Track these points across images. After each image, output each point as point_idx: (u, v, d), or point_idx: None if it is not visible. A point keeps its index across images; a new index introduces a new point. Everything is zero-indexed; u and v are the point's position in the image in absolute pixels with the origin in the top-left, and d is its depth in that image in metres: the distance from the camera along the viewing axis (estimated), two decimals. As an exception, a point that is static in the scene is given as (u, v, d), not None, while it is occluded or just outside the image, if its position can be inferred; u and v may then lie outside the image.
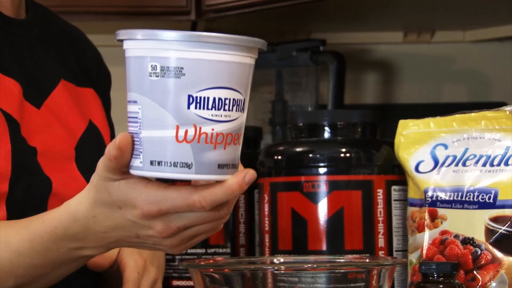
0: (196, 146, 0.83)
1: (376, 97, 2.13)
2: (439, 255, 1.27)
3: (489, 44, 2.12)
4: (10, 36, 1.15)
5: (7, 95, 1.09)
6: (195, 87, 0.83)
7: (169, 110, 0.83)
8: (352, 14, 1.93)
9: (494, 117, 1.30)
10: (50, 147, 1.12)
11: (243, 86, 0.85)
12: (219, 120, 0.84)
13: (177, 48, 0.82)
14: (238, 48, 0.84)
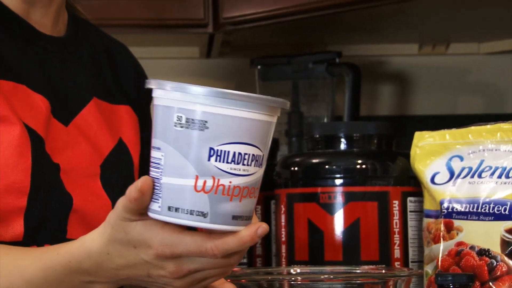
0: (213, 196, 0.85)
1: (391, 108, 2.14)
2: (455, 266, 1.26)
3: (504, 56, 2.12)
4: (43, 53, 1.15)
5: (34, 111, 1.09)
6: (217, 140, 0.84)
7: (190, 160, 0.85)
8: (367, 27, 1.93)
9: (509, 129, 1.30)
10: (74, 164, 1.11)
11: (263, 143, 0.87)
12: (237, 174, 0.85)
13: (203, 102, 0.84)
14: (261, 107, 0.86)
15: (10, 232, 1.04)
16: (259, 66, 1.96)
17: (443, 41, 2.08)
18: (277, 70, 1.94)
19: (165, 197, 0.86)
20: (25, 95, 1.09)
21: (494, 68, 2.13)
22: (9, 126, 1.04)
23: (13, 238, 1.04)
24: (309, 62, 1.91)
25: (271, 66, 1.95)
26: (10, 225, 1.04)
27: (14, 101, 1.07)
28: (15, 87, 1.08)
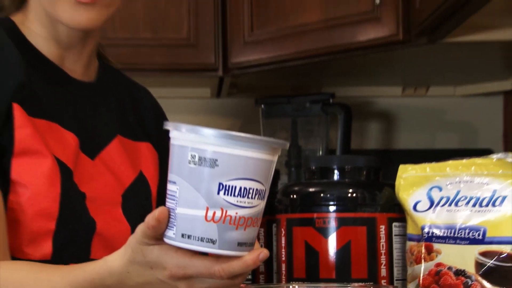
0: (221, 226, 0.85)
1: (378, 143, 2.13)
2: (435, 284, 1.25)
3: (477, 98, 2.12)
4: (74, 96, 1.15)
5: (64, 146, 1.09)
6: (226, 176, 0.85)
7: (202, 193, 0.85)
8: (357, 71, 1.93)
9: (482, 164, 1.29)
10: (98, 193, 1.11)
11: (265, 178, 0.87)
12: (242, 206, 0.86)
13: (214, 143, 0.84)
14: (264, 147, 0.86)
15: (39, 252, 1.04)
16: (262, 105, 1.97)
17: (423, 85, 2.09)
18: (279, 108, 1.94)
19: (179, 226, 0.86)
20: (57, 132, 1.09)
21: (468, 108, 2.13)
22: (42, 158, 1.04)
23: (42, 257, 1.04)
24: (306, 102, 1.91)
25: (273, 105, 1.95)
26: (40, 245, 1.04)
27: (48, 137, 1.07)
28: (49, 125, 1.08)
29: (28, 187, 1.03)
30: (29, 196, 1.03)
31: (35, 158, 1.04)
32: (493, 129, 2.11)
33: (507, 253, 1.21)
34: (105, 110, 1.20)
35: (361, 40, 1.60)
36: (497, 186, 1.25)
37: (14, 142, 1.03)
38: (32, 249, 1.03)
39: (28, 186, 1.03)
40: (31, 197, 1.03)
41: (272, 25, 1.73)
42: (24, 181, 1.03)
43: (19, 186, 1.03)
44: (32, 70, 1.09)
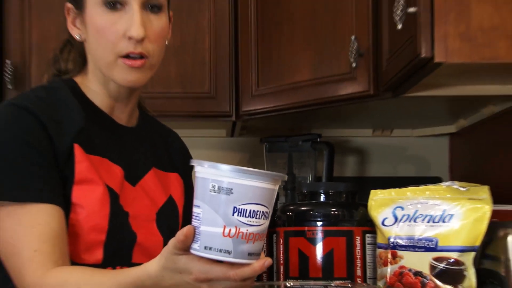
0: (235, 240, 0.86)
1: (354, 172, 2.12)
2: (398, 282, 1.26)
3: (429, 138, 2.12)
4: (120, 138, 1.15)
5: (113, 176, 1.09)
6: (239, 202, 0.86)
7: (220, 215, 0.86)
8: (339, 117, 1.93)
9: (435, 189, 1.30)
10: (138, 212, 1.11)
11: (269, 203, 0.88)
12: (252, 225, 0.86)
13: (230, 176, 0.86)
14: (269, 179, 0.87)
15: (93, 258, 1.04)
16: (266, 143, 1.96)
17: (389, 128, 2.09)
18: (278, 145, 1.94)
19: (203, 240, 0.86)
20: (107, 166, 1.09)
21: (422, 146, 2.13)
22: (95, 186, 1.04)
23: (95, 262, 1.03)
24: (299, 141, 1.91)
25: (274, 143, 1.95)
26: (93, 253, 1.04)
27: (100, 169, 1.07)
28: (101, 160, 1.08)
29: (84, 208, 1.03)
30: (86, 215, 1.03)
31: (90, 185, 1.04)
32: (441, 162, 2.11)
33: (454, 259, 1.22)
34: (143, 148, 1.19)
35: (341, 94, 1.61)
36: (446, 207, 1.26)
37: (74, 173, 1.03)
38: (88, 255, 1.03)
39: (85, 207, 1.03)
40: (87, 215, 1.03)
41: (273, 82, 1.74)
42: (82, 203, 1.03)
43: (78, 207, 1.02)
44: (89, 118, 1.09)
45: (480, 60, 1.23)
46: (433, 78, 1.37)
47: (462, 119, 1.94)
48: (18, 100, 1.05)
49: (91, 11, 1.07)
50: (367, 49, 1.55)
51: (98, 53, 1.09)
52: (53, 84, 1.11)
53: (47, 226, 0.98)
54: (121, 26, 1.05)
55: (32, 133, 1.01)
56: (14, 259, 0.97)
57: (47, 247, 0.97)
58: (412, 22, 1.27)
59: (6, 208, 0.98)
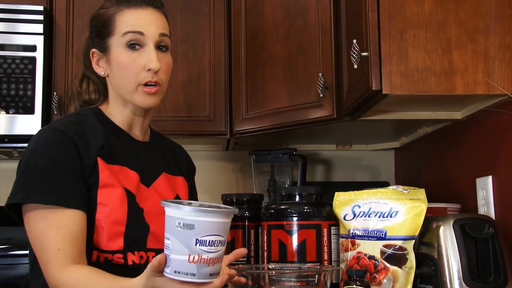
0: (199, 265, 0.84)
1: (322, 178, 2.11)
2: (356, 264, 1.26)
3: (379, 151, 2.11)
4: (137, 150, 1.15)
5: (130, 181, 1.08)
6: (200, 234, 0.84)
7: (185, 245, 0.84)
8: (310, 135, 1.93)
9: (384, 192, 1.31)
10: (151, 208, 1.10)
11: (225, 233, 0.86)
12: (211, 251, 0.85)
13: (191, 215, 0.84)
14: (223, 215, 0.86)
15: (115, 245, 1.02)
16: (253, 155, 1.95)
17: (348, 143, 2.09)
18: (263, 157, 1.93)
19: (172, 265, 0.85)
20: (125, 172, 1.08)
21: (374, 157, 2.12)
22: (115, 189, 1.04)
23: (117, 248, 1.02)
24: (279, 154, 1.90)
25: (259, 156, 1.93)
26: (115, 241, 1.03)
27: (119, 175, 1.06)
28: (120, 168, 1.08)
29: (107, 206, 1.02)
30: (108, 212, 1.02)
31: (111, 189, 1.03)
32: (389, 170, 2.11)
33: (399, 246, 1.23)
34: (155, 157, 1.18)
35: (311, 118, 1.61)
36: (393, 205, 1.27)
37: (99, 180, 1.02)
38: (111, 244, 1.02)
39: (108, 205, 1.02)
40: (110, 212, 1.02)
41: (259, 108, 1.73)
42: (105, 203, 1.02)
43: (102, 206, 1.02)
44: (112, 135, 1.09)
45: (416, 92, 1.25)
46: (381, 105, 1.38)
47: (404, 137, 1.95)
48: (56, 125, 1.05)
49: (115, 52, 1.08)
50: (331, 83, 1.55)
51: (121, 84, 1.09)
52: (82, 112, 1.12)
53: (69, 229, 0.97)
54: (141, 62, 1.07)
55: (66, 152, 1.01)
56: (42, 254, 0.97)
57: (68, 247, 0.96)
58: (365, 63, 1.29)
59: (40, 210, 0.97)
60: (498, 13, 1.26)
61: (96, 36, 1.11)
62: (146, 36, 1.07)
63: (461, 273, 1.17)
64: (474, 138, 1.49)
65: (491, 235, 1.20)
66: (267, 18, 1.73)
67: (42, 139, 1.03)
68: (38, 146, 1.01)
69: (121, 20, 1.08)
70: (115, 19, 1.08)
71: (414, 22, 1.25)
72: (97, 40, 1.11)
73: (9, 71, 1.68)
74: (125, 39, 1.07)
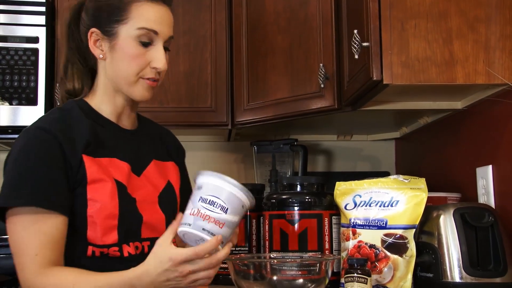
0: (196, 217, 0.93)
1: (324, 168, 2.11)
2: (357, 253, 1.26)
3: (380, 141, 2.11)
4: (126, 139, 1.12)
5: (121, 171, 1.06)
6: (204, 193, 0.94)
7: (192, 201, 0.95)
8: (311, 126, 1.93)
9: (385, 181, 1.30)
10: (143, 197, 1.08)
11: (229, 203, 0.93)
12: (208, 209, 0.92)
13: (202, 176, 0.95)
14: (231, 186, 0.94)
15: (110, 239, 1.01)
16: (255, 146, 1.95)
17: (349, 134, 2.08)
18: (264, 148, 1.93)
19: (183, 219, 0.95)
20: (115, 163, 1.06)
21: (374, 148, 2.12)
22: (104, 183, 1.02)
23: (112, 242, 1.01)
24: (280, 144, 1.90)
25: (261, 146, 1.93)
26: (110, 235, 1.01)
27: (109, 168, 1.04)
28: (110, 160, 1.05)
29: (98, 201, 1.00)
30: (100, 207, 1.00)
31: (101, 183, 1.01)
32: (389, 159, 2.11)
33: (399, 235, 1.24)
34: (144, 145, 1.15)
35: (312, 108, 1.60)
36: (393, 194, 1.28)
37: (87, 176, 1.00)
38: (106, 238, 1.00)
39: (98, 201, 1.00)
40: (101, 207, 1.00)
41: (260, 99, 1.73)
42: (95, 198, 1.00)
43: (93, 201, 1.00)
44: (100, 127, 1.07)
45: (417, 82, 1.24)
46: (382, 96, 1.38)
47: (404, 127, 1.95)
48: (40, 123, 1.02)
49: (124, 42, 1.04)
50: (332, 74, 1.55)
51: (121, 73, 1.05)
52: (66, 106, 1.08)
53: (49, 234, 0.95)
54: (148, 58, 1.05)
55: (49, 152, 0.98)
56: (19, 257, 0.94)
57: (46, 251, 0.94)
58: (366, 53, 1.28)
59: (20, 214, 0.95)
60: (499, 3, 1.26)
61: (102, 17, 1.05)
62: (159, 36, 1.05)
63: (461, 261, 1.17)
64: (475, 128, 1.49)
65: (491, 224, 1.20)
66: (268, 9, 1.72)
67: (25, 140, 0.99)
68: (21, 147, 0.98)
69: (138, 12, 1.04)
70: (131, 8, 1.04)
71: (415, 12, 1.25)
72: (103, 21, 1.05)
73: (12, 63, 1.68)
74: (138, 33, 1.04)
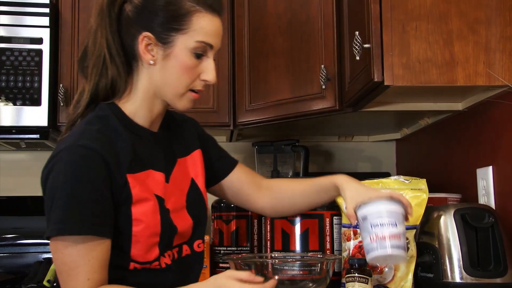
0: (378, 241, 0.98)
1: (324, 169, 2.11)
2: (358, 254, 1.26)
3: (380, 142, 2.11)
4: (156, 145, 1.05)
5: (158, 183, 1.01)
6: (371, 220, 0.99)
7: (367, 231, 1.00)
8: (312, 127, 1.93)
9: (386, 182, 1.30)
10: (174, 206, 1.04)
11: (391, 216, 0.98)
12: (382, 230, 0.98)
13: (362, 210, 1.01)
14: (388, 203, 1.00)
15: (152, 256, 0.99)
16: (256, 146, 1.94)
17: (350, 135, 2.08)
18: (266, 148, 1.92)
19: (367, 248, 1.00)
20: (152, 175, 1.00)
21: (375, 149, 2.12)
22: (148, 202, 0.98)
23: (154, 257, 0.99)
24: (282, 145, 1.89)
25: (262, 147, 1.92)
26: (152, 252, 0.99)
27: (148, 182, 0.99)
28: (147, 174, 1.00)
29: (143, 221, 0.97)
30: (144, 226, 0.97)
31: (145, 203, 0.98)
32: (390, 160, 2.10)
33: (399, 234, 1.23)
34: (169, 145, 1.09)
35: (314, 109, 1.60)
36: (393, 195, 1.28)
37: (132, 197, 0.97)
38: (148, 255, 0.99)
39: (143, 221, 0.97)
40: (145, 227, 0.97)
41: (262, 100, 1.73)
42: (140, 218, 0.97)
43: (137, 221, 0.97)
44: (135, 137, 1.01)
45: (418, 83, 1.25)
46: (383, 97, 1.38)
47: (405, 128, 1.95)
48: (84, 141, 0.94)
49: (180, 52, 0.99)
50: (333, 75, 1.55)
51: (171, 83, 1.00)
52: (102, 113, 1.00)
53: (99, 259, 0.93)
54: (199, 70, 1.01)
55: (96, 174, 0.93)
56: (70, 279, 0.92)
57: (96, 276, 0.92)
58: (367, 54, 1.28)
59: (70, 237, 0.92)
60: (499, 5, 1.26)
61: (157, 22, 0.98)
62: (213, 49, 1.01)
63: (462, 261, 1.17)
64: (475, 129, 1.49)
65: (491, 225, 1.20)
66: (270, 10, 1.72)
67: (71, 161, 0.93)
68: (67, 167, 0.92)
69: (199, 24, 0.98)
70: (192, 19, 0.98)
71: (416, 14, 1.25)
72: (157, 26, 0.98)
73: (16, 64, 1.68)
74: (196, 45, 0.99)
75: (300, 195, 1.16)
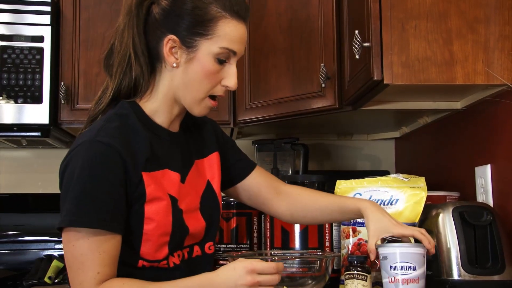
0: (395, 284, 1.02)
1: (324, 167, 2.11)
2: (357, 251, 1.26)
3: (380, 141, 2.11)
4: (174, 145, 1.05)
5: (173, 183, 1.01)
6: (391, 262, 1.02)
7: (386, 271, 1.04)
8: (312, 125, 1.92)
9: (385, 180, 1.31)
10: (188, 206, 1.03)
11: (413, 260, 1.00)
12: (401, 274, 1.01)
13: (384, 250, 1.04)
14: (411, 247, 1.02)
15: (162, 254, 0.99)
16: (256, 145, 1.94)
17: (349, 133, 2.08)
18: (266, 146, 1.92)
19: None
20: (168, 175, 1.00)
21: (375, 147, 2.12)
22: (161, 201, 0.98)
23: (163, 256, 0.99)
24: (282, 143, 1.89)
25: (262, 145, 1.92)
26: (162, 251, 0.99)
27: (162, 181, 0.99)
28: (163, 173, 0.99)
29: (154, 220, 0.97)
30: (155, 225, 0.97)
31: (158, 202, 0.98)
32: (389, 159, 2.10)
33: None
34: (188, 146, 1.08)
35: (313, 108, 1.60)
36: (393, 193, 1.28)
37: (146, 195, 0.96)
38: (158, 254, 0.99)
39: (155, 219, 0.97)
40: (157, 226, 0.97)
41: (262, 98, 1.73)
42: (152, 217, 0.97)
43: (149, 220, 0.97)
44: (154, 137, 1.00)
45: (417, 82, 1.25)
46: (382, 95, 1.38)
47: (404, 127, 1.95)
48: (103, 137, 0.94)
49: (204, 57, 0.98)
50: (333, 74, 1.55)
51: (192, 87, 0.99)
52: (122, 111, 1.00)
53: (110, 253, 0.93)
54: (221, 76, 1.00)
55: (113, 169, 0.93)
56: (79, 272, 0.92)
57: (106, 269, 0.92)
58: (366, 53, 1.28)
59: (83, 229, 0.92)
60: (498, 4, 1.26)
61: (182, 25, 0.97)
62: (236, 55, 1.00)
63: (460, 259, 1.17)
64: (474, 128, 1.49)
65: (489, 223, 1.20)
66: (270, 9, 1.73)
67: (88, 156, 0.93)
68: (84, 162, 0.92)
69: (224, 30, 0.97)
70: (217, 25, 0.97)
71: (415, 13, 1.25)
72: (182, 30, 0.97)
73: (17, 61, 1.69)
74: (220, 51, 0.98)
75: (322, 211, 1.14)
